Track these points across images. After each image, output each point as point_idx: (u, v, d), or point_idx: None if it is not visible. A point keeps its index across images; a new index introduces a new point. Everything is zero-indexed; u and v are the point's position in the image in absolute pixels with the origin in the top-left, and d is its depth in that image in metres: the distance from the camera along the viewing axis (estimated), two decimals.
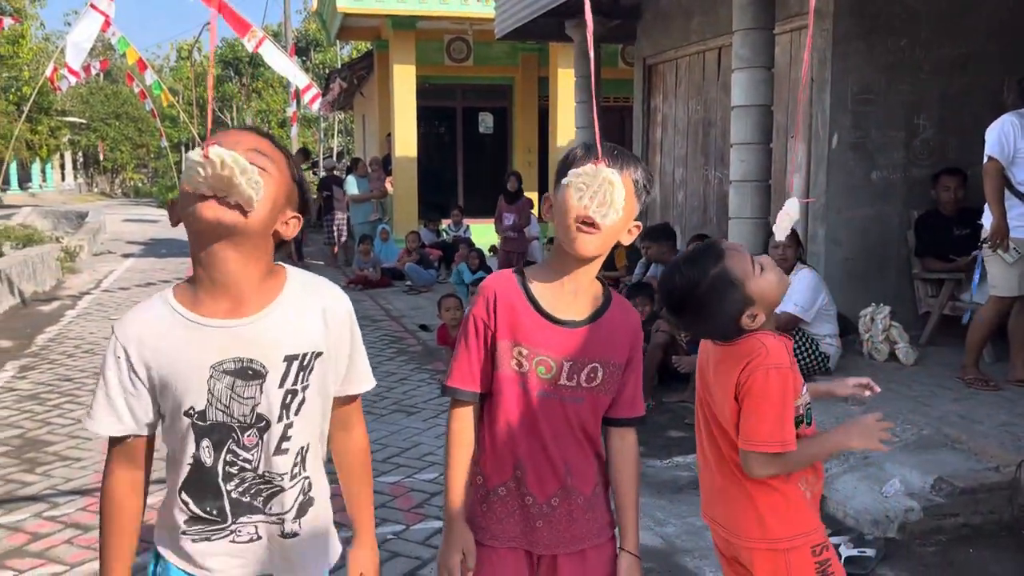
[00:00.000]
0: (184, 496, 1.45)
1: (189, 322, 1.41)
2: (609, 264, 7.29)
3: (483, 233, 12.23)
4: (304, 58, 32.00)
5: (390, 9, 12.26)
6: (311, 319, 1.47)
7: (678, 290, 1.89)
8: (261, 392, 1.41)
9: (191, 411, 1.41)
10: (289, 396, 1.44)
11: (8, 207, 21.41)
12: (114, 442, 1.47)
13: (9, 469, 4.35)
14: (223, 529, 1.46)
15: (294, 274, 1.51)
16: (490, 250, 11.07)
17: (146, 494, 1.53)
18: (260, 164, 1.40)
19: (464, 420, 1.74)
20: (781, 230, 1.98)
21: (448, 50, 14.13)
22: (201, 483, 1.44)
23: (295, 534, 1.49)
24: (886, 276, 6.00)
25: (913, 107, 5.91)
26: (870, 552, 3.24)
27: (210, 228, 1.40)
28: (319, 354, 1.47)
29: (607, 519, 1.79)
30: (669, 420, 5.13)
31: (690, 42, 7.73)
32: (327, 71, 24.43)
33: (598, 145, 1.60)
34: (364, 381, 1.61)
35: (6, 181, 30.69)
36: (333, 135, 33.23)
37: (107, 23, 14.14)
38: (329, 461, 1.62)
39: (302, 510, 1.49)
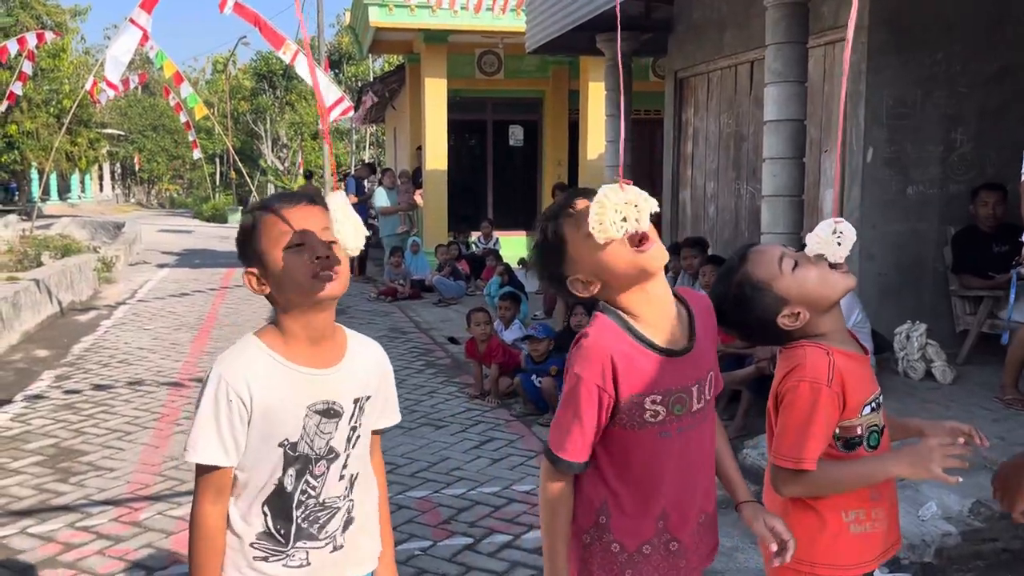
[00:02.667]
0: (265, 509, 1.66)
1: (291, 370, 1.65)
2: None
3: (513, 246, 12.23)
4: (337, 71, 32.34)
5: (422, 23, 12.35)
6: (369, 369, 1.76)
7: (716, 306, 1.86)
8: (337, 428, 1.68)
9: (285, 442, 1.64)
10: (352, 432, 1.71)
11: (48, 217, 21.85)
12: (209, 476, 1.64)
13: (43, 479, 4.42)
14: (281, 553, 1.67)
15: (351, 334, 1.78)
16: (520, 263, 11.06)
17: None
18: (331, 238, 1.65)
19: (569, 488, 1.67)
20: (844, 252, 1.90)
21: (479, 63, 14.21)
22: (280, 504, 1.66)
23: (341, 546, 1.72)
24: (922, 293, 5.89)
25: (950, 121, 5.82)
26: None
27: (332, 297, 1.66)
28: (369, 397, 1.74)
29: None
30: None
31: (722, 55, 7.69)
32: (359, 84, 24.66)
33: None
34: (394, 416, 1.86)
35: (46, 192, 31.36)
36: (365, 147, 33.51)
37: (145, 37, 14.45)
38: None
39: (345, 526, 1.73)
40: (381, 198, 12.53)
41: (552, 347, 5.72)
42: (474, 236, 12.62)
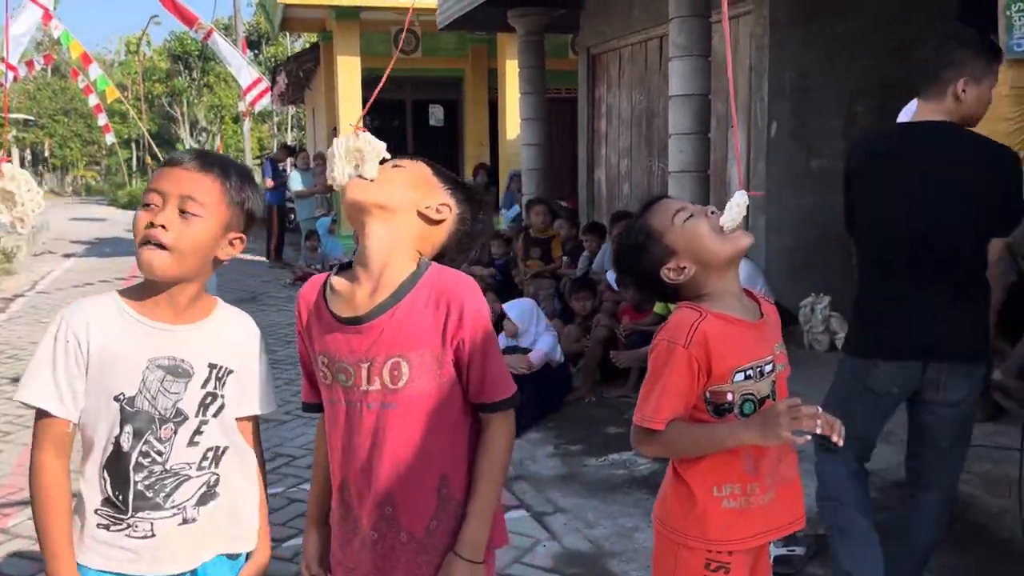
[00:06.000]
0: (106, 474, 1.56)
1: (135, 320, 1.58)
2: (547, 257, 7.17)
3: None
4: (256, 51, 31.47)
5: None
6: (233, 341, 1.66)
7: (615, 252, 1.90)
8: (186, 390, 1.58)
9: (121, 396, 1.54)
10: (209, 398, 1.61)
11: None
12: (46, 425, 1.56)
13: None
14: (122, 521, 1.56)
15: (222, 304, 1.71)
16: None
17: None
18: (192, 211, 1.54)
19: (318, 430, 1.74)
20: (729, 220, 1.80)
21: (395, 41, 13.91)
22: (118, 467, 1.55)
23: (193, 520, 1.60)
24: (829, 266, 5.94)
25: (851, 95, 5.86)
26: (799, 550, 3.16)
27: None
28: (231, 371, 1.64)
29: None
30: (608, 416, 5.03)
31: (632, 31, 7.63)
32: (275, 65, 24.04)
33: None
34: (257, 405, 1.71)
35: None
36: (287, 129, 32.75)
37: (48, 16, 13.71)
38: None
39: (203, 500, 1.62)
40: (296, 181, 12.19)
41: None
42: None
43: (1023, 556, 3.14)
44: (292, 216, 13.40)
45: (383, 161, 1.62)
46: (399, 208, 1.57)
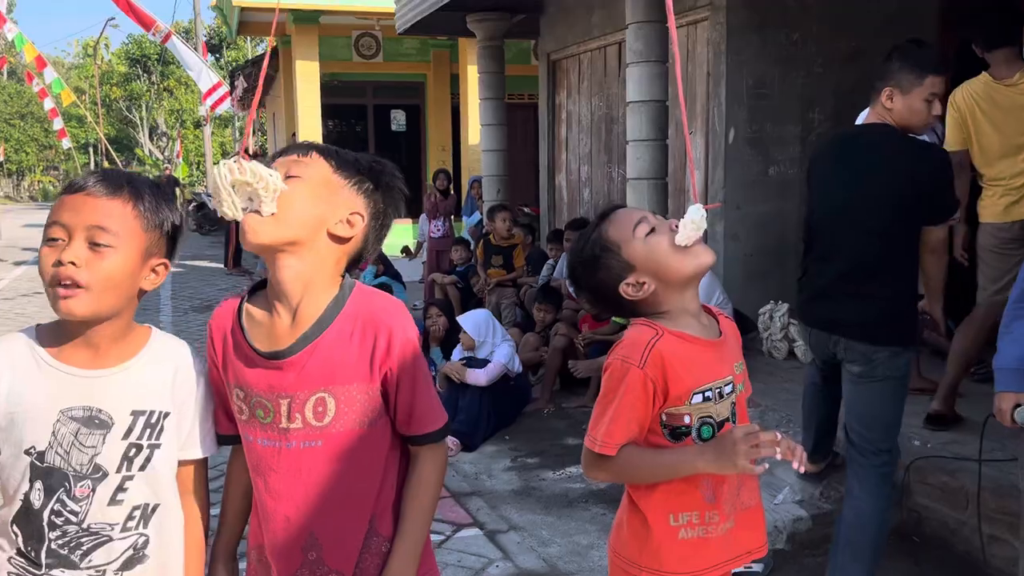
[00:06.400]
0: (15, 528, 1.43)
1: (47, 366, 1.42)
2: (508, 264, 7.10)
3: (396, 233, 11.89)
4: (217, 55, 31.06)
5: (290, 3, 11.84)
6: (163, 379, 1.48)
7: (569, 264, 1.76)
8: (103, 443, 1.42)
9: (32, 450, 1.41)
10: (133, 450, 1.44)
11: None
12: None
13: None
14: None
15: (157, 335, 1.53)
16: (402, 251, 10.80)
17: None
18: (103, 242, 1.37)
19: (230, 458, 1.61)
20: (684, 238, 1.70)
21: (356, 46, 13.76)
22: (29, 522, 1.43)
23: None
24: (787, 273, 5.91)
25: (807, 101, 5.86)
26: (757, 567, 3.10)
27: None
28: (167, 414, 1.47)
29: None
30: (567, 427, 4.96)
31: (592, 37, 7.59)
32: (233, 69, 23.71)
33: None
34: (194, 448, 1.53)
35: None
36: (250, 134, 32.38)
37: (1, 19, 13.36)
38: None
39: (129, 564, 1.46)
40: None
41: None
42: None
43: (981, 569, 3.12)
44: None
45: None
46: (308, 238, 1.43)
